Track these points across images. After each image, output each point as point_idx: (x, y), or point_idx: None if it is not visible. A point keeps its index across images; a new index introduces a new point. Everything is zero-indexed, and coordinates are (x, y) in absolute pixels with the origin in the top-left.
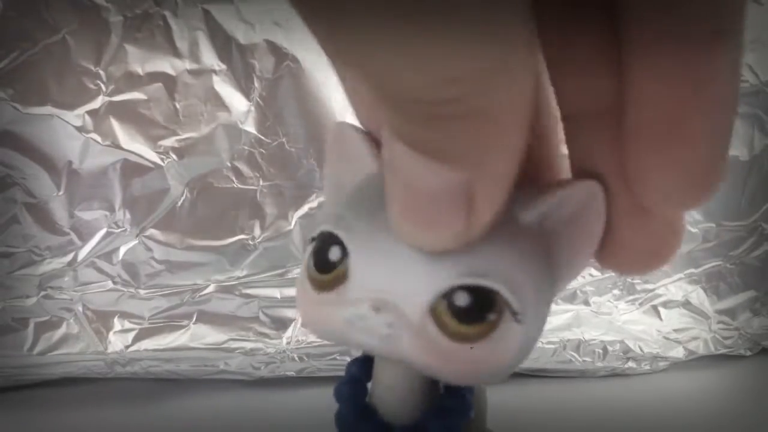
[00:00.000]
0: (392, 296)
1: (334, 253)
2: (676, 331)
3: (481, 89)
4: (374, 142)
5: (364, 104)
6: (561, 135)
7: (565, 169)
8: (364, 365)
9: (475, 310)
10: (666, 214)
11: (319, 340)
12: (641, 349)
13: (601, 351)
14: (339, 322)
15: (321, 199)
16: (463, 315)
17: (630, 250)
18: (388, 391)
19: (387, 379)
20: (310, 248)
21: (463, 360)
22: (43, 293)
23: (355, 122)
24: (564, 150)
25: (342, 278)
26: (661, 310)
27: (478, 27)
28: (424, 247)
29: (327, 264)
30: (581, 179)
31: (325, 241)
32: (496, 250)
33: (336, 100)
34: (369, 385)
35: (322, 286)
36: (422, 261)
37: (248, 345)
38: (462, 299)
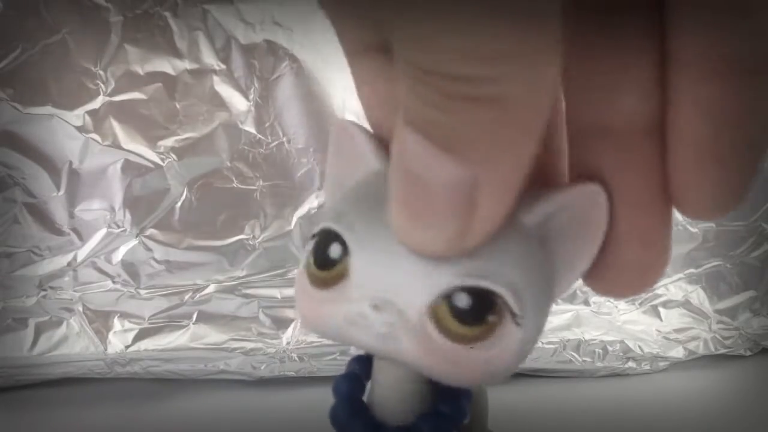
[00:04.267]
0: (392, 296)
1: (335, 251)
2: (676, 331)
3: (510, 74)
4: (379, 141)
5: (376, 101)
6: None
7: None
8: (366, 363)
9: (475, 312)
10: (692, 216)
11: (319, 340)
12: (641, 349)
13: (601, 351)
14: (338, 320)
15: (321, 199)
16: (463, 316)
17: (619, 271)
18: (385, 392)
19: (385, 380)
20: (310, 245)
21: (461, 361)
22: (43, 293)
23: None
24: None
25: (342, 276)
26: (661, 310)
27: (519, 14)
28: (418, 247)
29: (327, 261)
30: (584, 183)
31: (326, 237)
32: (498, 251)
33: (336, 100)
34: (368, 384)
35: (322, 283)
36: (424, 261)
37: (248, 345)
38: (462, 300)
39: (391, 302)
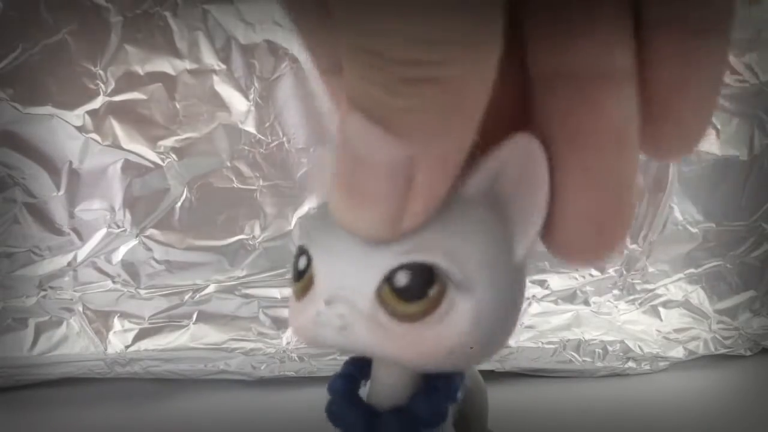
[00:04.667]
0: (344, 290)
1: (302, 262)
2: (676, 331)
3: (452, 57)
4: None
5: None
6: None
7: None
8: (360, 363)
9: (414, 287)
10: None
11: None
12: (641, 349)
13: (601, 351)
14: (308, 323)
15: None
16: (405, 294)
17: (577, 230)
18: (385, 389)
19: (384, 378)
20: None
21: (416, 341)
22: (43, 293)
23: None
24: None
25: (310, 283)
26: (661, 310)
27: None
28: (357, 230)
29: (298, 272)
30: (515, 136)
31: (298, 253)
32: (434, 225)
33: None
34: (365, 383)
35: (298, 294)
36: (365, 250)
37: (248, 345)
38: (401, 279)
39: (340, 295)
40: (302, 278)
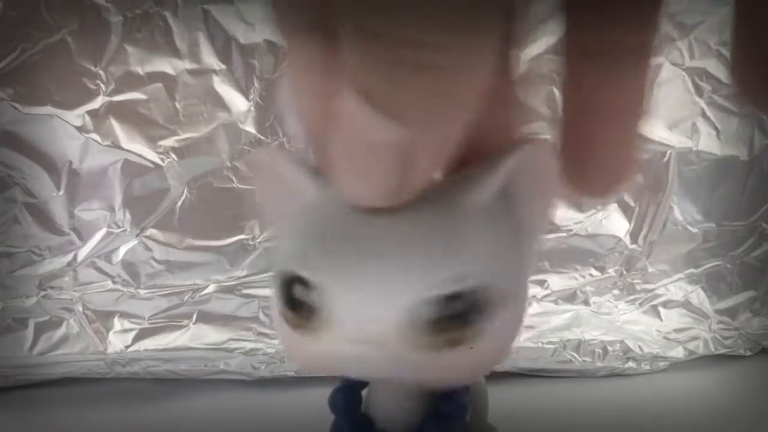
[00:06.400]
0: (373, 324)
1: (306, 294)
2: (676, 331)
3: (452, 44)
4: (305, 163)
5: (309, 87)
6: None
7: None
8: None
9: (463, 314)
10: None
11: None
12: (641, 349)
13: (601, 351)
14: (332, 361)
15: None
16: (453, 321)
17: (596, 175)
18: (383, 401)
19: (382, 389)
20: (276, 284)
21: (465, 361)
22: (43, 293)
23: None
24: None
25: (325, 318)
26: (661, 310)
27: None
28: (360, 200)
29: (301, 305)
30: (529, 141)
31: (293, 281)
32: (466, 243)
33: None
34: (364, 392)
35: (299, 326)
36: (391, 282)
37: (248, 345)
38: (449, 307)
39: (382, 333)
40: (306, 311)
